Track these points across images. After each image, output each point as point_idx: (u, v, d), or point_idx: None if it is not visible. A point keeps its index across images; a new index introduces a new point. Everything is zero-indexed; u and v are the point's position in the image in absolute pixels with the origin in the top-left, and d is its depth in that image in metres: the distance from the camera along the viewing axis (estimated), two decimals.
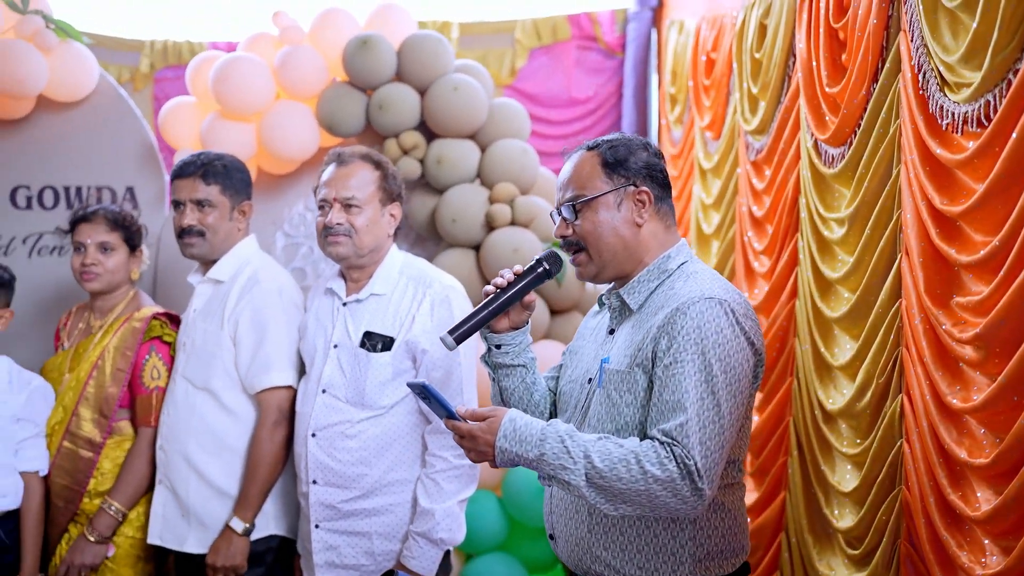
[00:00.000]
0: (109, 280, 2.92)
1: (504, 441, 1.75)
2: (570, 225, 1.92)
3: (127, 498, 2.81)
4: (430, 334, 2.50)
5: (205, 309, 2.79)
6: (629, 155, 1.90)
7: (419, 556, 2.51)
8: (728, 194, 3.31)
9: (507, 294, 1.94)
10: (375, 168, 2.58)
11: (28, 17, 3.36)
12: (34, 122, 3.57)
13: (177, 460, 2.72)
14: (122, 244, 2.94)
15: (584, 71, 4.69)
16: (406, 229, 3.66)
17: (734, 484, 1.92)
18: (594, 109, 4.68)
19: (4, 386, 2.85)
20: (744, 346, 1.80)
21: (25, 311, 3.39)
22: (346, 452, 2.53)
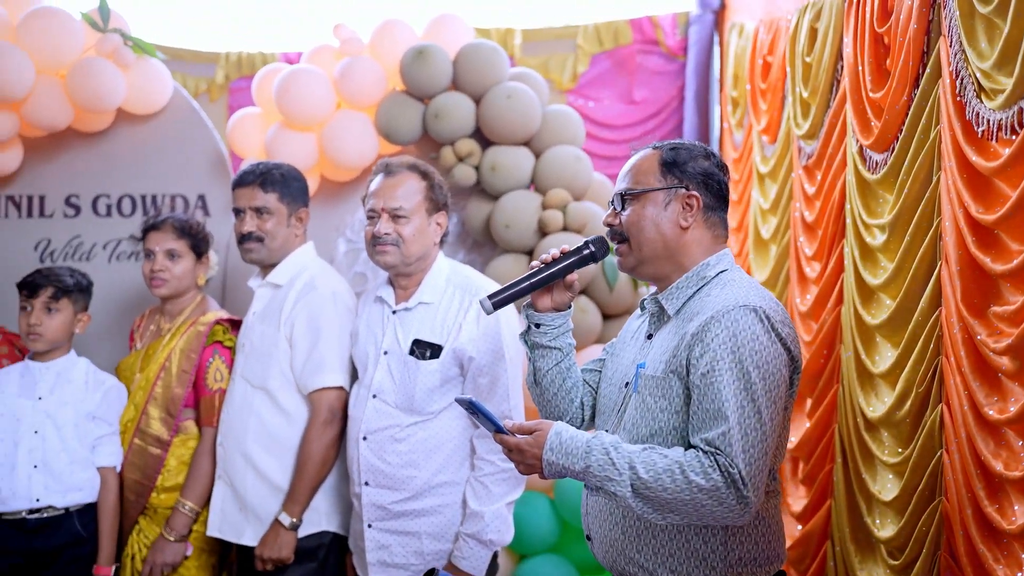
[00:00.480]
0: (176, 285, 3.07)
1: (551, 454, 1.79)
2: (618, 215, 1.96)
3: (198, 496, 2.94)
4: (476, 342, 2.56)
5: (263, 312, 2.91)
6: (689, 159, 1.93)
7: (469, 556, 2.57)
8: (784, 199, 3.29)
9: (551, 269, 2.00)
10: (422, 178, 2.65)
11: (108, 35, 3.55)
12: (114, 134, 3.76)
13: (235, 456, 2.85)
14: (189, 251, 3.08)
15: (646, 75, 4.69)
16: (463, 234, 3.74)
17: (769, 492, 1.92)
18: (655, 113, 4.68)
19: (81, 386, 3.02)
20: (781, 353, 1.80)
21: (105, 313, 3.59)
22: (395, 455, 2.61)
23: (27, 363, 3.02)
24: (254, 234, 2.88)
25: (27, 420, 2.93)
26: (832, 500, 2.71)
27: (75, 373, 3.04)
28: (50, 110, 3.47)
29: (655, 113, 4.69)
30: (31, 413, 2.94)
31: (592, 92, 4.74)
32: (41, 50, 3.41)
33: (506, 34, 4.74)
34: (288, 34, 4.98)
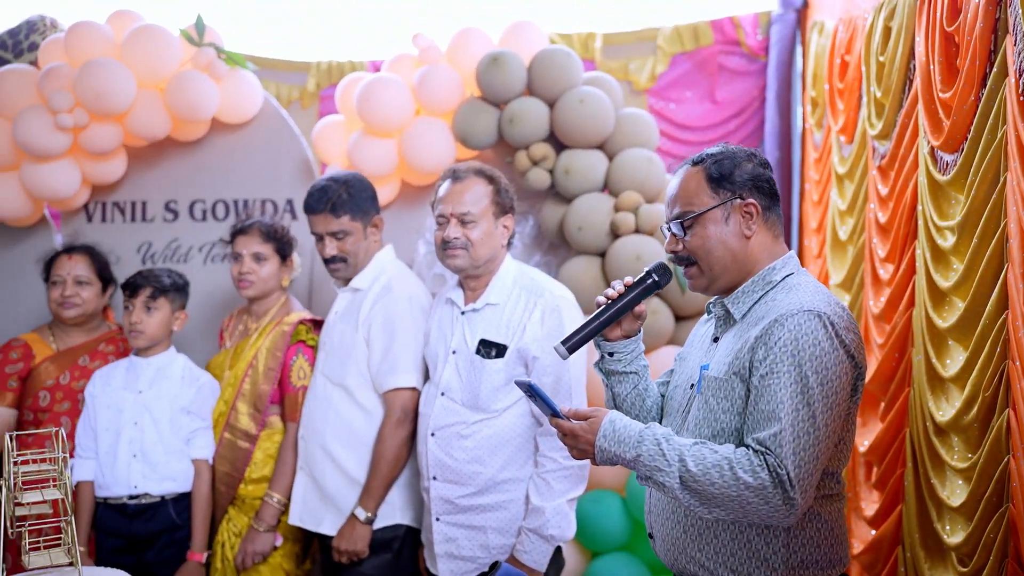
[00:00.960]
0: (262, 287, 3.22)
1: (603, 441, 1.84)
2: (680, 241, 1.97)
3: (285, 489, 3.09)
4: (540, 342, 2.63)
5: (344, 312, 3.03)
6: (734, 168, 1.93)
7: (531, 551, 2.63)
8: (860, 200, 3.24)
9: (617, 305, 2.02)
10: (488, 183, 2.73)
11: (203, 50, 3.74)
12: (208, 143, 3.97)
13: (315, 449, 2.98)
14: (274, 254, 3.24)
15: (726, 75, 4.66)
16: (539, 237, 3.80)
17: (832, 495, 1.92)
18: (736, 113, 4.65)
19: (177, 381, 3.21)
20: (843, 359, 1.80)
21: (201, 312, 3.79)
22: (462, 451, 2.69)
23: (132, 358, 3.23)
24: (337, 257, 3.00)
25: (128, 412, 3.13)
26: (903, 505, 2.68)
27: (173, 369, 3.22)
28: (150, 121, 3.68)
29: (736, 114, 4.66)
30: (132, 405, 3.14)
31: (673, 93, 4.73)
32: (142, 65, 3.62)
33: (587, 38, 4.78)
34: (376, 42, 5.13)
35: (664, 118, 4.72)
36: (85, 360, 3.31)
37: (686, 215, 1.95)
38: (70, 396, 3.26)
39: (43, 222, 3.97)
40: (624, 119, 3.57)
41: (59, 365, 3.27)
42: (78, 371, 3.28)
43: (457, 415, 2.71)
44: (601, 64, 4.71)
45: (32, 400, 3.23)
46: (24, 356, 3.26)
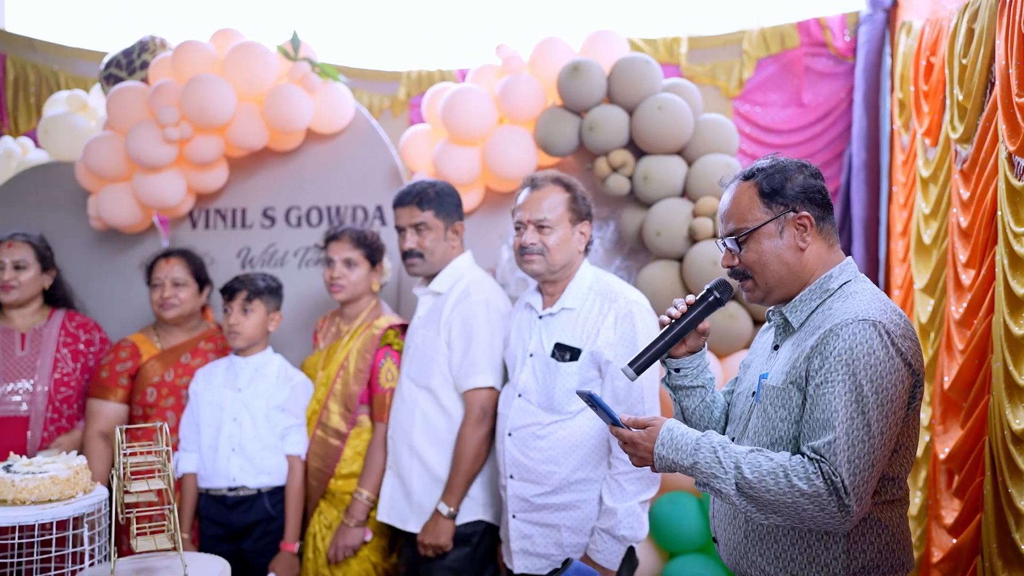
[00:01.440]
0: (352, 291, 3.37)
1: (662, 448, 1.90)
2: (735, 256, 2.00)
3: (373, 486, 3.23)
4: (613, 346, 2.70)
5: (426, 317, 3.16)
6: (786, 181, 1.95)
7: (603, 550, 2.70)
8: (943, 204, 3.20)
9: (681, 324, 2.07)
10: (565, 190, 2.81)
11: (298, 64, 3.93)
12: (303, 152, 4.16)
13: (402, 449, 3.11)
14: (364, 260, 3.38)
15: (813, 78, 4.62)
16: (620, 242, 3.86)
17: (894, 501, 1.94)
18: (823, 116, 4.60)
19: (273, 380, 3.38)
20: (899, 367, 1.82)
21: (296, 314, 3.98)
22: (537, 451, 2.78)
23: (232, 357, 3.42)
24: (415, 250, 3.13)
25: (228, 408, 3.32)
26: (982, 514, 2.64)
27: (270, 368, 3.40)
28: (249, 133, 3.89)
29: (823, 116, 4.62)
30: (232, 402, 3.32)
31: (758, 97, 4.72)
32: (242, 80, 3.83)
33: (672, 42, 4.80)
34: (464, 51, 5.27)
35: (750, 121, 4.71)
36: (187, 358, 3.51)
37: (740, 231, 1.98)
38: (174, 392, 3.46)
39: (152, 229, 4.23)
40: (703, 125, 3.60)
41: (164, 363, 3.48)
42: (181, 368, 3.48)
43: (533, 416, 2.80)
44: (686, 69, 4.74)
45: (140, 396, 3.44)
46: (132, 355, 3.46)
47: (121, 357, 3.46)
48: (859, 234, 4.35)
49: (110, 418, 3.40)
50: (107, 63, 4.26)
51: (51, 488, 2.37)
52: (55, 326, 3.55)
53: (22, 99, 5.18)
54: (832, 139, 4.61)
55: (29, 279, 3.48)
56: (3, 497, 2.33)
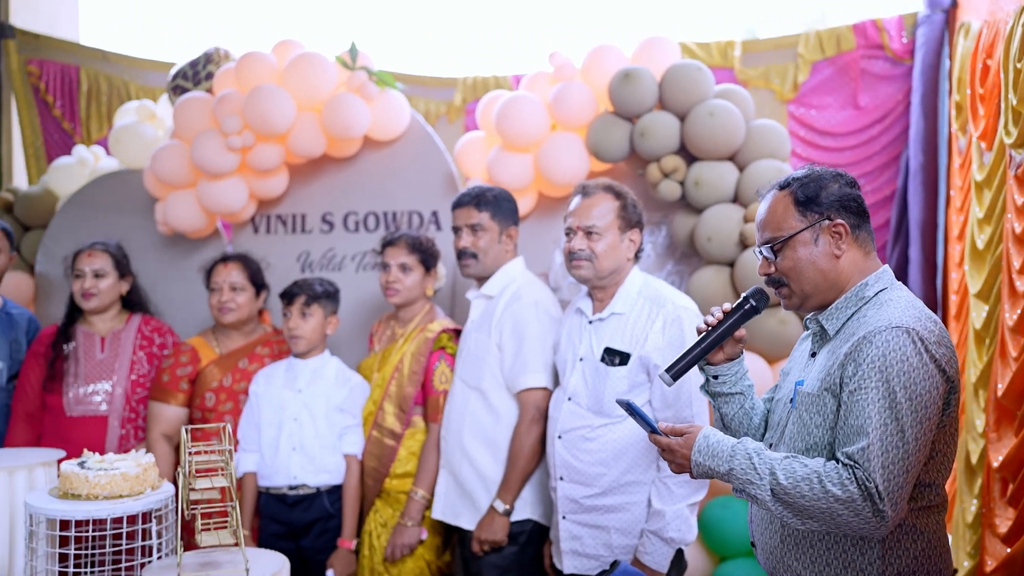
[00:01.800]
0: (407, 295, 3.46)
1: (698, 455, 1.95)
2: (771, 263, 2.04)
3: (429, 485, 3.31)
4: (662, 351, 2.74)
5: (479, 320, 3.23)
6: (820, 190, 1.99)
7: (652, 552, 2.74)
8: (998, 209, 3.17)
9: (718, 331, 2.11)
10: (615, 198, 2.86)
11: (355, 73, 4.03)
12: (360, 159, 4.26)
13: (454, 448, 3.18)
14: (419, 265, 3.46)
15: (870, 80, 4.58)
16: (671, 247, 3.89)
17: (931, 507, 1.95)
18: (880, 119, 4.56)
19: (332, 382, 3.48)
20: (932, 373, 1.84)
21: (353, 317, 4.08)
22: (587, 454, 2.83)
23: (291, 360, 3.52)
24: (469, 250, 3.21)
25: (289, 409, 3.42)
26: None
27: (328, 370, 3.50)
28: (308, 140, 4.00)
29: (880, 119, 4.57)
30: (292, 403, 3.42)
31: (814, 100, 4.69)
32: (301, 90, 3.94)
33: (726, 46, 4.80)
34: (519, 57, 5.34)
35: (805, 125, 4.69)
36: (244, 363, 3.62)
37: (776, 239, 2.01)
38: (232, 397, 3.57)
39: (216, 234, 4.37)
40: (755, 130, 3.61)
41: (222, 368, 3.59)
42: (239, 373, 3.59)
43: (582, 419, 2.85)
44: (740, 72, 4.73)
45: (200, 400, 3.55)
46: (192, 360, 3.58)
47: (181, 362, 3.57)
48: (916, 238, 4.30)
49: (171, 421, 3.52)
50: (174, 74, 4.41)
51: (122, 484, 2.48)
52: (132, 330, 3.70)
53: (95, 109, 5.39)
54: (889, 142, 4.57)
55: (108, 286, 3.63)
56: (78, 492, 2.44)
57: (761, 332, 3.48)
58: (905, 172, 4.48)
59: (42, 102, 5.39)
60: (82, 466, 2.51)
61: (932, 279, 4.27)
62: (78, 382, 3.58)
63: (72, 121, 5.42)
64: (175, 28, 5.63)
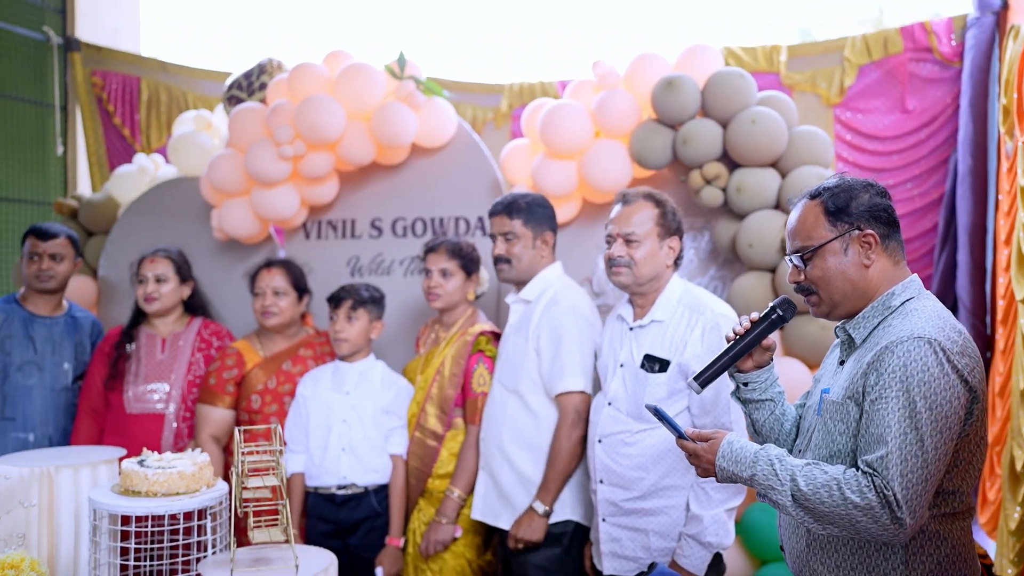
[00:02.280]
0: (448, 300, 3.53)
1: (722, 460, 1.99)
2: (801, 272, 2.07)
3: (465, 485, 3.39)
4: (701, 358, 2.76)
5: (517, 324, 3.30)
6: (850, 200, 2.01)
7: (690, 555, 2.78)
8: None
9: (745, 340, 2.15)
10: (655, 206, 2.90)
11: (403, 83, 4.13)
12: (408, 166, 4.35)
13: (493, 450, 3.26)
14: (460, 270, 3.54)
15: (918, 83, 4.55)
16: (714, 252, 3.91)
17: (955, 514, 1.97)
18: (928, 122, 4.53)
19: (378, 384, 3.57)
20: (954, 383, 1.86)
21: (401, 320, 4.17)
22: (626, 458, 2.88)
23: (337, 363, 3.62)
24: (503, 257, 3.28)
25: (337, 410, 3.51)
26: None
27: (374, 373, 3.59)
28: (358, 149, 4.11)
29: (928, 122, 4.54)
30: (340, 404, 3.52)
31: (861, 103, 4.68)
32: (351, 99, 4.05)
33: (772, 51, 4.81)
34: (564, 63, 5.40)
35: (851, 128, 4.68)
36: (288, 365, 3.72)
37: (806, 248, 2.04)
38: (277, 399, 3.67)
39: (269, 239, 4.50)
40: (798, 137, 3.62)
41: (267, 371, 3.69)
42: (283, 376, 3.69)
43: (622, 424, 2.90)
44: (786, 77, 4.74)
45: (246, 403, 3.66)
46: (238, 363, 3.69)
47: (227, 365, 3.68)
48: (964, 242, 4.27)
49: (219, 423, 3.63)
50: (229, 85, 4.55)
51: (179, 482, 2.58)
52: (192, 332, 3.85)
53: (154, 118, 5.58)
54: (937, 145, 4.54)
55: (169, 291, 3.79)
56: (137, 489, 2.55)
57: (802, 338, 3.50)
58: (954, 176, 4.44)
59: (104, 112, 5.60)
60: (141, 464, 2.62)
61: (981, 283, 4.24)
62: (138, 381, 3.73)
63: (132, 130, 5.61)
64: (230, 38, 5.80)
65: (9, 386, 3.82)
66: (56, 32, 5.68)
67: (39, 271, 3.86)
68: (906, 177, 4.53)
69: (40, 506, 2.71)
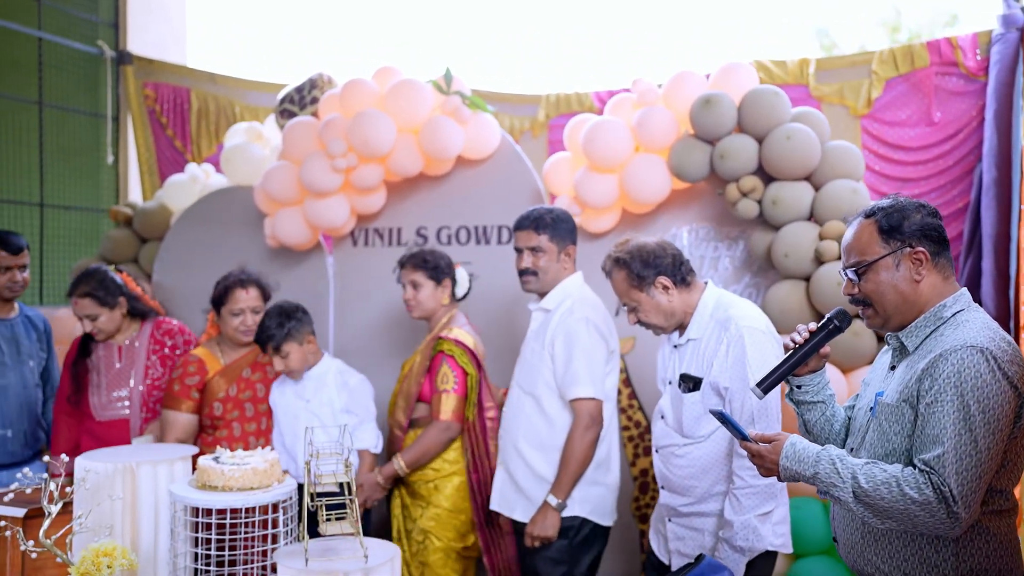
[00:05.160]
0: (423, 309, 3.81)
1: (786, 460, 2.15)
2: (855, 285, 2.23)
3: (410, 460, 3.65)
4: (727, 371, 2.86)
5: (536, 331, 3.49)
6: (903, 220, 2.16)
7: (724, 558, 2.90)
8: None
9: (804, 349, 2.30)
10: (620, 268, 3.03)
11: (450, 98, 4.30)
12: (453, 177, 4.53)
13: (509, 448, 3.46)
14: (427, 280, 3.78)
15: (943, 96, 4.68)
16: (749, 261, 4.08)
17: (1002, 511, 2.13)
18: (953, 134, 4.66)
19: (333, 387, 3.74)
20: (1004, 389, 2.01)
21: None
22: (677, 468, 3.02)
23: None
24: (529, 269, 3.46)
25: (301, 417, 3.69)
26: None
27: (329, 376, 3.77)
28: (407, 161, 4.29)
29: (953, 134, 4.68)
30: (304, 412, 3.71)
31: (887, 115, 4.81)
32: (401, 114, 4.23)
33: (801, 64, 4.95)
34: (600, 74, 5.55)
35: (878, 139, 4.81)
36: (248, 372, 3.87)
37: (860, 264, 2.20)
38: (238, 406, 3.81)
39: (318, 247, 4.69)
40: (831, 152, 3.77)
41: (227, 379, 3.81)
42: (243, 383, 3.85)
43: (671, 438, 3.04)
44: (814, 89, 4.88)
45: (208, 409, 3.78)
46: (199, 370, 3.80)
47: (190, 372, 3.80)
48: (989, 251, 4.40)
49: (184, 427, 3.77)
50: (281, 98, 4.74)
51: (252, 478, 2.75)
52: (145, 337, 4.04)
53: (204, 128, 5.78)
54: (962, 156, 4.67)
55: (104, 322, 3.91)
56: (214, 484, 2.73)
57: (836, 344, 3.64)
58: (978, 186, 4.57)
59: (157, 123, 5.80)
60: (216, 460, 2.80)
61: (1005, 291, 4.37)
62: (101, 391, 3.95)
63: (183, 140, 5.82)
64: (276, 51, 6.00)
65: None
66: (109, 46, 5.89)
67: (11, 282, 4.10)
68: (932, 187, 4.67)
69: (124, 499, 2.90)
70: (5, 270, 4.11)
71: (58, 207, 6.02)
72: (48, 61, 5.80)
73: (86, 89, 5.92)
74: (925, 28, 15.61)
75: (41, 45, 5.76)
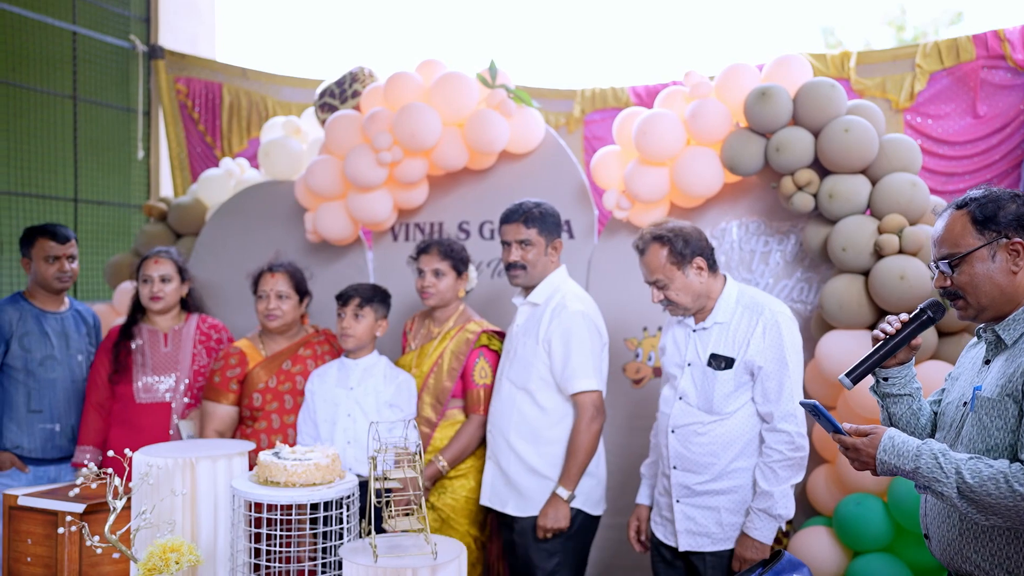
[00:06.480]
0: (441, 298, 3.73)
1: (884, 454, 2.10)
2: (948, 278, 2.19)
3: (452, 458, 3.62)
4: (764, 352, 3.02)
5: (525, 326, 3.50)
6: (998, 210, 2.12)
7: (760, 527, 3.01)
8: None
9: (896, 340, 2.27)
10: (662, 245, 3.10)
11: (495, 91, 4.26)
12: (496, 171, 4.49)
13: (500, 442, 3.48)
14: (451, 270, 3.72)
15: (989, 90, 4.64)
16: (800, 255, 4.04)
17: None
18: (999, 128, 4.62)
19: (381, 379, 3.71)
20: None
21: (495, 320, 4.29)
22: (699, 446, 3.11)
23: (343, 359, 3.78)
24: (518, 263, 3.48)
25: (343, 405, 3.67)
26: None
27: (377, 369, 3.74)
28: (452, 155, 4.25)
29: (999, 128, 4.64)
30: (345, 400, 3.67)
31: (931, 109, 4.77)
32: (446, 107, 4.19)
33: (842, 58, 4.92)
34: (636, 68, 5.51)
35: (922, 133, 4.78)
36: (288, 365, 3.86)
37: (953, 256, 2.16)
38: (278, 397, 3.81)
39: (358, 241, 4.65)
40: (888, 144, 3.73)
41: (268, 371, 3.83)
42: (283, 375, 3.84)
43: (694, 416, 3.12)
44: (856, 83, 4.85)
45: (248, 400, 3.81)
46: (240, 362, 3.83)
47: (231, 364, 3.82)
48: None
49: (224, 419, 3.80)
50: (321, 92, 4.70)
51: (315, 473, 2.72)
52: (191, 327, 4.10)
53: (235, 122, 5.74)
54: (1009, 151, 4.63)
55: (172, 290, 4.03)
56: (277, 480, 2.69)
57: None
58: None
59: (188, 117, 5.77)
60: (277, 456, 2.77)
61: None
62: (146, 372, 3.98)
63: (214, 134, 5.78)
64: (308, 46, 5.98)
65: (34, 381, 4.06)
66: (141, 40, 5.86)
67: (60, 272, 4.10)
68: (978, 181, 4.63)
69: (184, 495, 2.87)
70: (53, 260, 4.10)
71: (91, 202, 5.98)
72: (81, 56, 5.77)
73: (117, 84, 5.88)
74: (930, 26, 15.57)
75: (76, 39, 5.72)
